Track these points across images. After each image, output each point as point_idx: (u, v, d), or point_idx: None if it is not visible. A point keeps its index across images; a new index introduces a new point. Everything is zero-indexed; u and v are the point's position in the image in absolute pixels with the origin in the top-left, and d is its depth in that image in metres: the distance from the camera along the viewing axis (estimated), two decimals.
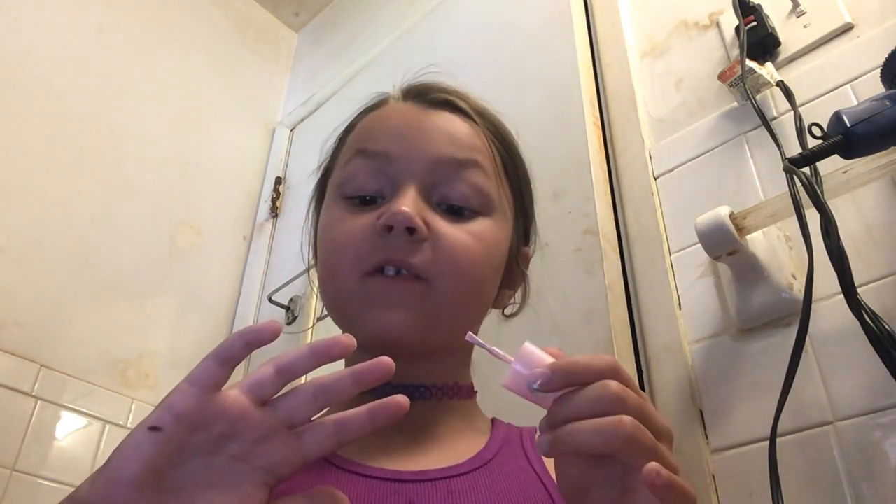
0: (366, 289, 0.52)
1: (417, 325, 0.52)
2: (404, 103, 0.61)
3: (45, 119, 1.50)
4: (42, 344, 1.32)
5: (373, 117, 0.61)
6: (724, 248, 0.81)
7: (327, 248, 0.56)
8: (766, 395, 0.77)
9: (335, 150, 0.65)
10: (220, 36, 2.01)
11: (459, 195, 0.55)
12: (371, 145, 0.56)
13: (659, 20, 1.17)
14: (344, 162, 0.59)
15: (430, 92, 0.60)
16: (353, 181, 0.56)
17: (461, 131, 0.58)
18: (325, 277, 0.57)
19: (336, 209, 0.56)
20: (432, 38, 1.65)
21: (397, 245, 0.51)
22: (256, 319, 1.67)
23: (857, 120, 0.68)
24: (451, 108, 0.60)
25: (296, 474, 0.48)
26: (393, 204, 0.52)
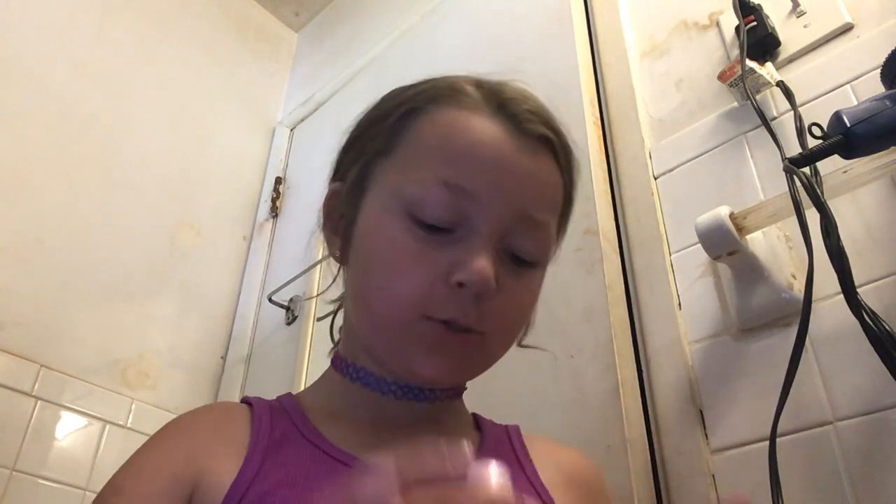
0: (420, 331, 0.49)
1: (462, 373, 0.53)
2: (496, 123, 0.52)
3: (45, 119, 1.50)
4: (42, 344, 1.32)
5: (462, 137, 0.52)
6: (724, 248, 0.81)
7: (384, 271, 0.51)
8: (766, 395, 0.77)
9: (394, 131, 0.55)
10: (220, 36, 2.01)
11: (528, 251, 0.52)
12: (459, 180, 0.50)
13: (659, 20, 1.17)
14: (420, 178, 0.51)
15: (525, 118, 0.53)
16: (429, 209, 0.50)
17: (550, 185, 0.54)
18: (370, 296, 0.52)
19: (399, 228, 0.50)
20: (432, 38, 1.65)
21: (466, 306, 0.49)
22: (256, 319, 1.67)
23: (857, 120, 0.68)
24: (546, 146, 0.54)
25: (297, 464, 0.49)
26: (471, 260, 0.48)
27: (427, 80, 0.58)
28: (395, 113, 0.55)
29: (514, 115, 0.53)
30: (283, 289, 1.59)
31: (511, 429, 0.62)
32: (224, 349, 1.64)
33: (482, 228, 0.50)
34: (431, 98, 0.55)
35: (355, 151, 0.58)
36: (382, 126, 0.56)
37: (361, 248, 0.53)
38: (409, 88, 0.58)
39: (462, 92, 0.54)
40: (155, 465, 0.49)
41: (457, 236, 0.50)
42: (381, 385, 0.54)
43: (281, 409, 0.54)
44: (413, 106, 0.55)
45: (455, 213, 0.49)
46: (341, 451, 0.50)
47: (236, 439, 0.50)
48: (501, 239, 0.51)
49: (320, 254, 1.59)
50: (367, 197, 0.54)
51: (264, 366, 1.56)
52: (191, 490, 0.47)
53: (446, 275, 0.48)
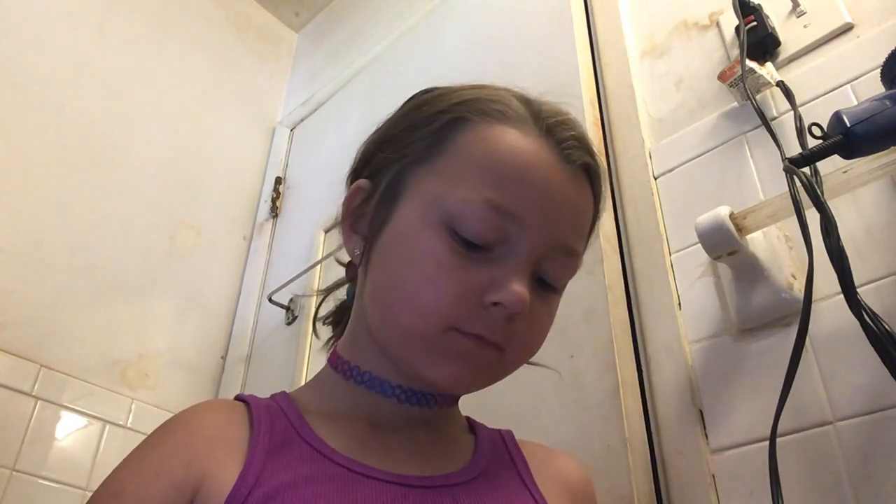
0: (446, 341, 0.49)
1: (477, 384, 0.53)
2: (545, 148, 0.52)
3: (45, 119, 1.50)
4: (42, 344, 1.32)
5: (512, 158, 0.51)
6: (724, 248, 0.81)
7: (417, 279, 0.50)
8: (766, 395, 0.77)
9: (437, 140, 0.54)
10: (220, 36, 2.01)
11: (555, 278, 0.53)
12: (506, 203, 0.50)
13: (659, 20, 1.17)
14: (464, 194, 0.50)
15: (572, 144, 0.53)
16: (470, 226, 0.49)
17: (585, 215, 0.55)
18: (397, 301, 0.51)
19: (437, 239, 0.50)
20: (432, 38, 1.65)
21: (496, 324, 0.49)
22: (256, 319, 1.67)
23: (857, 120, 0.68)
24: (586, 174, 0.55)
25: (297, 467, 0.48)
26: (509, 282, 0.49)
27: (470, 87, 0.57)
28: (438, 120, 0.54)
29: (560, 140, 0.53)
30: (283, 289, 1.59)
31: (504, 433, 0.62)
32: (224, 349, 1.64)
33: (522, 252, 0.50)
34: (477, 109, 0.54)
35: (391, 152, 0.56)
36: (423, 131, 0.54)
37: (391, 253, 0.52)
38: (452, 94, 0.56)
39: (509, 107, 0.54)
40: (154, 469, 0.48)
41: (494, 255, 0.50)
42: (383, 388, 0.54)
43: (278, 410, 0.54)
44: (459, 115, 0.54)
45: (496, 233, 0.50)
46: (340, 455, 0.50)
47: (236, 442, 0.50)
48: (535, 263, 0.51)
49: (320, 254, 1.59)
50: (402, 202, 0.53)
51: (264, 366, 1.56)
52: (191, 495, 0.47)
53: (481, 292, 0.49)
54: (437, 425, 0.57)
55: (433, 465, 0.53)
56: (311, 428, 0.52)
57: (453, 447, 0.57)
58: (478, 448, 0.58)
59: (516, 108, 0.54)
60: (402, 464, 0.51)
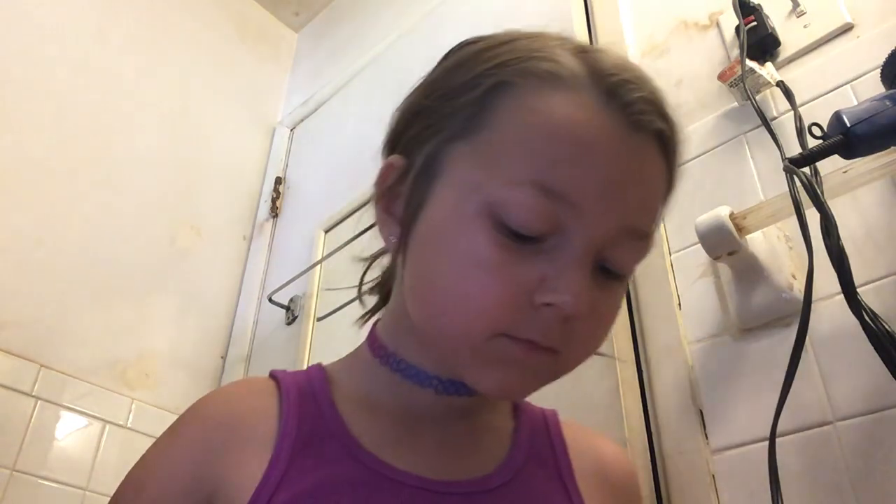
0: (491, 348, 0.43)
1: (530, 389, 0.48)
2: (606, 116, 0.43)
3: (45, 119, 1.50)
4: (42, 344, 1.32)
5: (567, 133, 0.43)
6: (724, 248, 0.81)
7: (458, 279, 0.43)
8: (766, 395, 0.77)
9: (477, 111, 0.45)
10: (220, 36, 2.01)
11: (622, 265, 0.45)
12: (560, 186, 0.42)
13: (659, 20, 1.17)
14: (510, 177, 0.42)
15: (640, 108, 0.44)
16: (518, 215, 0.42)
17: (657, 191, 0.46)
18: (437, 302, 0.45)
19: (479, 232, 0.43)
20: (432, 38, 1.65)
21: (551, 326, 0.43)
22: (256, 319, 1.67)
23: (857, 120, 0.68)
24: (658, 142, 0.45)
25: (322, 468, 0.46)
26: (565, 280, 0.42)
27: (514, 39, 0.47)
28: (477, 86, 0.45)
29: (626, 104, 0.43)
30: (283, 289, 1.59)
31: (549, 414, 0.58)
32: (224, 349, 1.64)
33: (579, 242, 0.42)
34: (524, 71, 0.44)
35: (424, 125, 0.48)
36: (461, 100, 0.46)
37: (429, 247, 0.46)
38: (495, 49, 0.47)
39: (563, 65, 0.44)
40: (176, 466, 0.47)
41: (546, 246, 0.42)
42: (421, 378, 0.50)
43: (310, 393, 0.51)
44: (501, 79, 0.45)
45: (548, 222, 0.42)
46: (369, 455, 0.48)
47: (263, 434, 0.48)
48: (597, 252, 0.43)
49: (320, 254, 1.59)
50: (438, 185, 0.46)
51: (264, 366, 1.55)
52: (211, 491, 0.46)
53: (531, 292, 0.42)
54: (475, 412, 0.53)
55: (466, 464, 0.50)
56: (343, 418, 0.49)
57: (490, 439, 0.53)
58: (516, 439, 0.54)
59: (570, 66, 0.44)
60: (433, 464, 0.49)
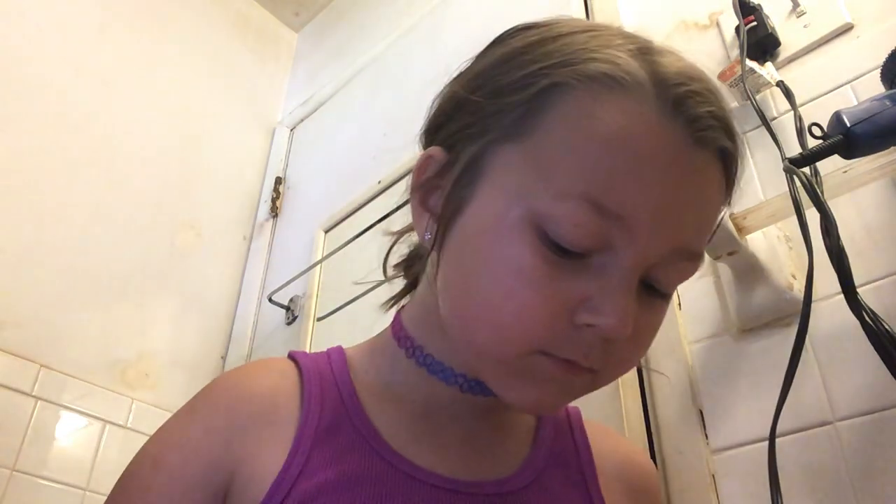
0: (530, 365, 0.42)
1: (562, 405, 0.47)
2: (669, 129, 0.40)
3: (45, 119, 1.50)
4: (42, 344, 1.32)
5: (626, 147, 0.40)
6: (724, 248, 0.81)
7: (496, 291, 0.41)
8: (766, 395, 0.77)
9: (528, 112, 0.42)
10: (220, 36, 2.01)
11: (669, 285, 0.43)
12: (612, 203, 0.39)
13: (659, 20, 1.17)
14: (560, 188, 0.40)
15: (706, 124, 0.41)
16: (566, 230, 0.40)
17: (713, 211, 0.44)
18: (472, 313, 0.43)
19: (522, 243, 0.40)
20: (432, 38, 1.65)
21: (591, 348, 0.41)
22: (256, 319, 1.67)
23: (857, 120, 0.68)
24: (720, 159, 0.43)
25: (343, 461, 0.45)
26: (609, 303, 0.40)
27: (571, 33, 0.44)
28: (530, 85, 0.42)
29: (691, 119, 0.41)
30: (283, 289, 1.59)
31: (572, 412, 0.57)
32: (224, 349, 1.64)
33: (627, 263, 0.40)
34: (581, 73, 0.41)
35: (469, 121, 0.45)
36: (511, 100, 0.43)
37: (467, 252, 0.43)
38: (551, 44, 0.44)
39: (625, 70, 0.41)
40: (194, 443, 0.46)
41: (592, 263, 0.40)
42: (446, 375, 0.49)
43: (331, 380, 0.50)
44: (555, 80, 0.41)
45: (597, 239, 0.40)
46: (390, 449, 0.47)
47: (284, 419, 0.47)
48: (644, 272, 0.42)
49: (320, 254, 1.59)
50: (481, 187, 0.43)
51: None
52: (228, 478, 0.45)
53: (573, 310, 0.40)
54: (498, 411, 0.51)
55: (487, 463, 0.50)
56: (364, 408, 0.48)
57: (512, 437, 0.52)
58: (538, 437, 0.53)
59: (633, 72, 0.41)
60: (454, 463, 0.48)
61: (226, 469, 0.45)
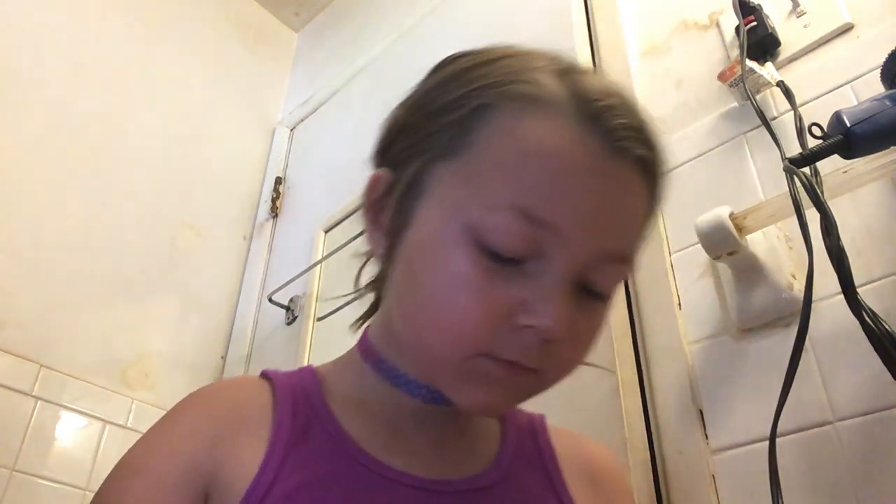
0: (475, 367, 0.45)
1: (509, 406, 0.50)
2: (587, 142, 0.43)
3: (45, 119, 1.50)
4: (42, 344, 1.32)
5: (548, 159, 0.43)
6: (724, 248, 0.81)
7: (439, 299, 0.45)
8: (766, 395, 0.77)
9: (460, 132, 0.46)
10: (220, 36, 2.01)
11: (604, 287, 0.46)
12: (540, 212, 0.42)
13: (659, 20, 1.17)
14: (491, 201, 0.43)
15: (623, 135, 0.44)
16: (500, 238, 0.43)
17: (638, 216, 0.47)
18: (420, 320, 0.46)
19: (461, 254, 0.44)
20: (432, 38, 1.65)
21: (531, 348, 0.44)
22: (256, 319, 1.67)
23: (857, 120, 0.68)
24: (641, 168, 0.46)
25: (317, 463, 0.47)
26: (545, 304, 0.43)
27: (498, 59, 0.48)
28: (461, 107, 0.46)
29: (609, 130, 0.44)
30: (283, 289, 1.59)
31: (536, 419, 0.59)
32: (224, 349, 1.64)
33: (559, 266, 0.43)
34: (507, 94, 0.45)
35: (409, 142, 0.49)
36: (446, 120, 0.47)
37: (413, 265, 0.47)
38: (479, 69, 0.48)
39: (544, 89, 0.45)
40: (174, 446, 0.47)
41: (528, 269, 0.43)
42: (410, 387, 0.51)
43: (302, 393, 0.51)
44: (484, 101, 0.45)
45: (529, 246, 0.43)
46: (362, 452, 0.49)
47: (258, 426, 0.48)
48: (578, 274, 0.44)
49: (320, 254, 1.59)
50: (423, 203, 0.47)
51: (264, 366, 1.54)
52: (208, 480, 0.45)
53: (512, 314, 0.43)
54: (465, 417, 0.54)
55: (456, 465, 0.51)
56: (335, 416, 0.50)
57: (479, 442, 0.55)
58: (504, 441, 0.55)
59: (553, 91, 0.45)
60: (424, 464, 0.50)
61: (206, 472, 0.45)
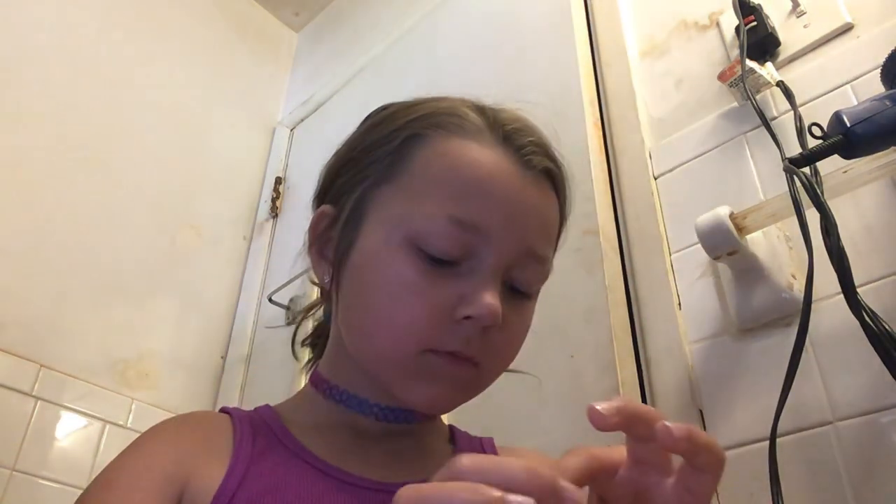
0: (422, 363, 0.49)
1: (456, 402, 0.53)
2: (503, 156, 0.52)
3: (45, 119, 1.50)
4: (42, 344, 1.32)
5: (471, 171, 0.51)
6: (724, 248, 0.81)
7: (387, 303, 0.50)
8: (766, 395, 0.77)
9: (396, 159, 0.54)
10: (220, 36, 2.01)
11: (527, 284, 0.53)
12: (469, 216, 0.49)
13: (659, 20, 1.17)
14: (426, 212, 0.50)
15: (530, 150, 0.53)
16: (436, 243, 0.49)
17: (551, 220, 0.55)
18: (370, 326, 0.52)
19: (403, 261, 0.50)
20: (432, 38, 1.65)
21: (471, 338, 0.49)
22: (256, 319, 1.67)
23: (857, 120, 0.68)
24: (548, 179, 0.55)
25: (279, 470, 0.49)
26: (480, 295, 0.48)
27: (424, 101, 0.57)
28: (395, 138, 0.54)
29: (519, 147, 0.53)
30: (283, 289, 1.59)
31: (486, 442, 0.62)
32: (224, 349, 1.64)
33: (489, 263, 0.50)
34: (434, 124, 0.54)
35: (350, 175, 0.56)
36: (381, 151, 0.54)
37: (360, 278, 0.53)
38: (407, 110, 0.57)
39: (465, 119, 0.54)
40: (145, 463, 0.49)
41: (462, 269, 0.50)
42: (362, 407, 0.55)
43: (261, 421, 0.55)
44: (414, 132, 0.54)
45: (462, 248, 0.49)
46: (321, 460, 0.51)
47: (220, 447, 0.51)
48: (505, 271, 0.51)
49: None
50: (366, 225, 0.53)
51: (264, 366, 1.56)
52: (180, 491, 0.47)
53: (452, 308, 0.49)
54: (418, 436, 0.57)
55: (412, 474, 0.52)
56: (294, 435, 0.53)
57: (433, 459, 0.57)
58: None
59: (472, 119, 0.54)
60: (382, 472, 0.52)
61: (179, 479, 0.48)
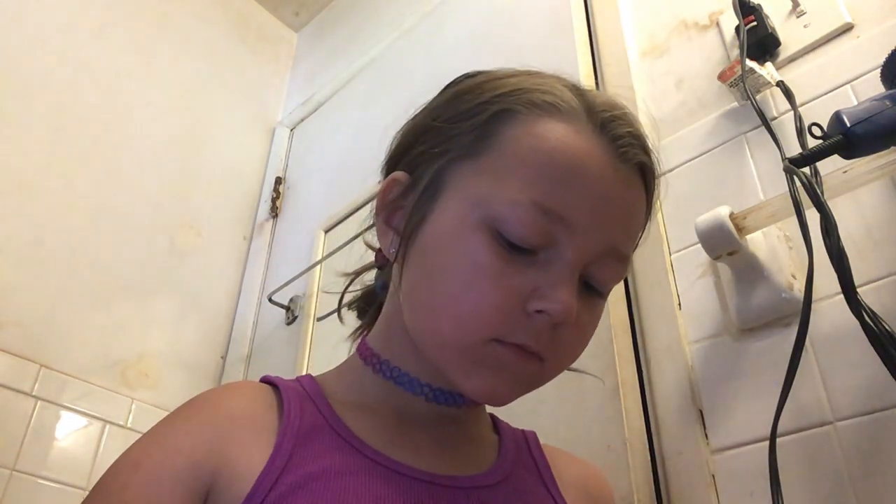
0: (487, 352, 0.47)
1: (515, 395, 0.51)
2: (598, 145, 0.49)
3: (45, 118, 1.50)
4: (42, 344, 1.32)
5: (564, 158, 0.48)
6: (724, 248, 0.81)
7: (457, 285, 0.47)
8: (766, 395, 0.77)
9: (483, 134, 0.50)
10: (220, 36, 2.01)
11: (603, 282, 0.51)
12: (556, 206, 0.47)
13: (659, 20, 1.17)
14: (511, 195, 0.47)
15: (627, 142, 0.50)
16: (517, 229, 0.46)
17: (638, 217, 0.53)
18: (436, 307, 0.49)
19: (480, 242, 0.47)
20: (432, 38, 1.65)
21: (540, 333, 0.47)
22: (256, 319, 1.67)
23: (857, 120, 0.68)
24: (640, 175, 0.52)
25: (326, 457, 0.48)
26: (556, 290, 0.46)
27: (515, 74, 0.54)
28: (482, 111, 0.51)
29: (616, 137, 0.49)
30: (283, 289, 1.59)
31: (528, 434, 0.61)
32: (224, 349, 1.64)
33: (569, 257, 0.47)
34: (526, 101, 0.50)
35: (430, 145, 0.52)
36: (467, 124, 0.51)
37: (430, 255, 0.50)
38: (498, 81, 0.53)
39: (561, 98, 0.50)
40: (177, 444, 0.47)
41: (540, 259, 0.47)
42: (412, 386, 0.53)
43: (305, 395, 0.52)
44: (506, 107, 0.50)
45: (543, 237, 0.47)
46: (369, 447, 0.49)
47: (264, 425, 0.49)
48: (584, 267, 0.48)
49: (320, 254, 1.59)
50: (442, 200, 0.50)
51: (264, 366, 1.56)
52: (210, 479, 0.45)
53: (525, 299, 0.46)
54: (464, 423, 0.56)
55: (460, 464, 0.52)
56: (339, 416, 0.51)
57: (479, 447, 0.56)
58: (502, 449, 0.57)
59: (568, 100, 0.50)
60: (429, 461, 0.51)
61: (209, 469, 0.46)
